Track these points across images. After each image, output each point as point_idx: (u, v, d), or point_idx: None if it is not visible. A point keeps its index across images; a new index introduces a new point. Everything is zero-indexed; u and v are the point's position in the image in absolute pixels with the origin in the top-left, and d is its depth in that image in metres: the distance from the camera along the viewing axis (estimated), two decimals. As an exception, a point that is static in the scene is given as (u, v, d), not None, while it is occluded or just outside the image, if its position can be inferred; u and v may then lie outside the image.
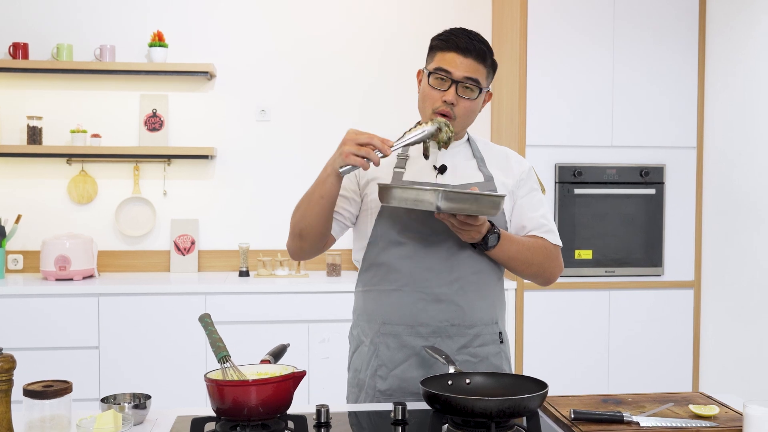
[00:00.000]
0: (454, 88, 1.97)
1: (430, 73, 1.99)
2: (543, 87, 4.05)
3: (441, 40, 2.00)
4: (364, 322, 2.09)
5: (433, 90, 1.99)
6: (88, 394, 3.68)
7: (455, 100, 1.97)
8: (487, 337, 2.07)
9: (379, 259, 2.04)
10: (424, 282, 2.00)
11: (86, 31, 4.32)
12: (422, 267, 2.00)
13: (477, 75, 1.98)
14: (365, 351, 2.07)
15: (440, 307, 2.01)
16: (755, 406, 1.61)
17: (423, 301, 2.01)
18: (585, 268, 4.09)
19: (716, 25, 4.07)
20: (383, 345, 2.03)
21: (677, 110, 4.14)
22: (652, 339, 4.14)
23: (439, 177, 2.04)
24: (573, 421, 1.74)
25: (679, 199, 4.16)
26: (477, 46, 1.98)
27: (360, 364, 2.08)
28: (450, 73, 1.96)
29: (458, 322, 2.02)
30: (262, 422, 1.61)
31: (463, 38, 1.98)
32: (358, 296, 2.15)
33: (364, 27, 4.50)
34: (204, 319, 1.78)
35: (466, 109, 2.00)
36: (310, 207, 1.98)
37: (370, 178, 2.05)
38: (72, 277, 3.98)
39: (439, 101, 1.98)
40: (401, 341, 2.02)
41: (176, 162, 4.39)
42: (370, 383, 2.04)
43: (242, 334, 3.74)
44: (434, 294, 2.01)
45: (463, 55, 1.96)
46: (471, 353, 2.04)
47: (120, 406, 1.76)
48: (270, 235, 4.43)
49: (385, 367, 2.03)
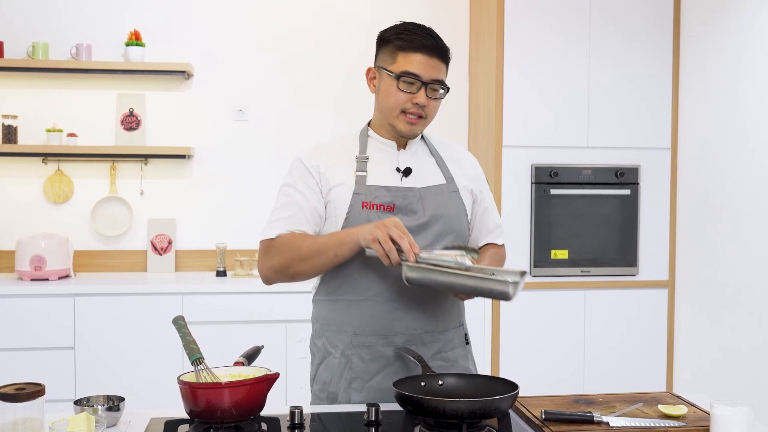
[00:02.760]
0: (424, 90, 1.97)
1: (398, 76, 1.97)
2: (520, 88, 4.07)
3: (403, 40, 1.98)
4: (331, 333, 2.04)
5: (401, 93, 1.98)
6: (63, 395, 3.66)
7: (426, 101, 1.98)
8: (455, 341, 2.08)
9: (346, 267, 1.98)
10: (395, 290, 1.97)
11: (62, 29, 4.29)
12: (394, 275, 1.95)
13: (442, 75, 2.00)
14: (335, 363, 2.02)
15: (414, 315, 1.99)
16: (722, 406, 1.64)
17: (396, 310, 1.98)
18: (561, 267, 4.12)
19: (690, 27, 4.11)
20: (356, 356, 1.99)
21: (652, 111, 4.19)
22: (627, 338, 4.18)
23: (404, 179, 2.03)
24: (544, 421, 1.76)
25: (654, 200, 4.21)
26: (440, 44, 1.99)
27: (329, 377, 2.03)
28: (419, 77, 1.96)
29: (431, 328, 2.02)
30: (235, 424, 1.62)
31: (424, 37, 1.97)
32: (320, 305, 2.09)
33: (339, 26, 4.50)
34: (178, 321, 1.78)
35: (434, 108, 2.03)
36: (318, 259, 1.92)
37: (334, 184, 2.00)
38: (47, 277, 3.96)
39: (408, 102, 1.98)
40: (375, 352, 1.99)
41: (153, 161, 4.38)
42: (344, 396, 2.00)
43: (220, 334, 3.74)
44: (407, 303, 1.98)
45: (428, 56, 1.97)
46: (444, 358, 2.04)
47: (93, 408, 1.76)
48: (247, 234, 4.42)
49: (360, 380, 2.00)
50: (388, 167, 2.04)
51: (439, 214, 2.01)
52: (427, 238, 1.99)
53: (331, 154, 2.06)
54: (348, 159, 2.04)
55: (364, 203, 1.97)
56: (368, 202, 1.97)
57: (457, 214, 2.05)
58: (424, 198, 2.02)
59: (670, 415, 1.81)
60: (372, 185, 2.00)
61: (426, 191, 2.03)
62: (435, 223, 2.00)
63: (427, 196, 2.02)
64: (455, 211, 2.05)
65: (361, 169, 2.02)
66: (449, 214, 2.03)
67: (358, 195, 1.98)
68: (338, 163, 2.03)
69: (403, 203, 1.99)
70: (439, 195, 2.04)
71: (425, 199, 2.01)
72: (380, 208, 1.97)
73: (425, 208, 2.01)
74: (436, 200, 2.03)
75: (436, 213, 2.01)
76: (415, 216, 1.99)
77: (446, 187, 2.06)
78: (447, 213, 2.03)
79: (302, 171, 2.04)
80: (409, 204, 2.00)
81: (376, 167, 2.03)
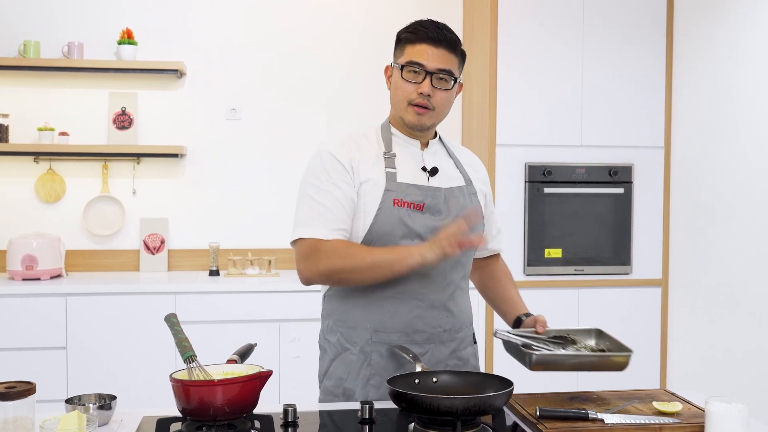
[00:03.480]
0: (429, 80, 1.95)
1: (402, 67, 1.97)
2: (513, 87, 4.07)
3: (410, 33, 1.99)
4: (347, 329, 2.02)
5: (407, 83, 1.97)
6: (55, 395, 3.64)
7: (431, 91, 1.96)
8: (467, 340, 2.11)
9: None
10: (420, 289, 1.98)
11: (54, 27, 4.28)
12: (419, 273, 1.95)
13: (450, 65, 1.97)
14: (352, 359, 2.01)
15: (434, 314, 2.00)
16: (717, 402, 1.63)
17: (419, 308, 1.98)
18: (554, 266, 4.12)
19: (683, 26, 4.12)
20: (375, 353, 1.99)
21: (645, 110, 4.19)
22: (620, 336, 4.17)
23: (430, 179, 2.03)
24: (539, 418, 1.75)
25: (647, 199, 4.21)
26: (447, 36, 1.97)
27: (345, 373, 2.02)
28: (423, 66, 1.95)
29: (450, 327, 2.03)
30: (228, 422, 1.61)
31: (432, 29, 1.97)
32: (334, 301, 2.07)
33: (333, 25, 4.50)
34: (170, 318, 1.77)
35: (442, 100, 1.99)
36: (373, 272, 1.91)
37: (364, 180, 1.97)
38: (39, 277, 3.94)
39: (414, 93, 1.96)
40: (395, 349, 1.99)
41: (146, 160, 4.36)
42: (362, 393, 1.99)
43: (213, 333, 3.72)
44: (430, 301, 1.99)
45: (434, 46, 1.95)
46: (458, 357, 2.06)
47: (85, 407, 1.75)
48: (240, 234, 4.41)
49: (379, 376, 1.98)
50: (414, 166, 2.04)
51: (461, 215, 2.01)
52: None
53: (358, 149, 2.02)
54: (375, 154, 2.02)
55: (395, 200, 1.96)
56: (399, 199, 1.96)
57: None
58: (449, 199, 2.03)
59: (664, 412, 1.80)
60: (402, 183, 1.98)
61: (450, 192, 2.04)
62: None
63: (451, 197, 2.03)
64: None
65: (390, 166, 1.99)
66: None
67: (390, 192, 1.96)
68: (367, 158, 2.01)
69: (431, 203, 1.99)
70: (461, 196, 2.06)
71: (449, 200, 2.03)
72: (410, 206, 1.96)
73: (450, 208, 2.02)
74: (459, 201, 2.04)
75: (458, 214, 2.01)
76: (441, 216, 2.00)
77: (466, 189, 2.08)
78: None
79: (336, 165, 1.98)
80: (437, 204, 2.00)
81: (403, 165, 2.02)
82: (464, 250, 1.85)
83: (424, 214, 1.98)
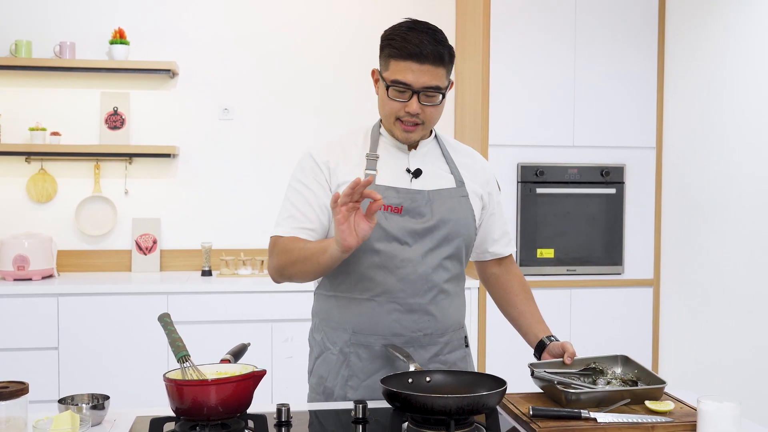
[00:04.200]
0: (416, 98, 1.90)
1: (388, 85, 1.91)
2: (506, 87, 4.08)
3: (394, 48, 1.90)
4: (329, 329, 2.03)
5: (393, 101, 1.92)
6: (47, 395, 3.62)
7: (420, 109, 1.91)
8: (455, 343, 2.07)
9: (349, 266, 1.96)
10: (398, 292, 1.95)
11: (46, 27, 4.26)
12: (397, 277, 1.94)
13: (436, 81, 1.90)
14: (332, 359, 2.01)
15: (414, 317, 1.97)
16: (709, 401, 1.64)
17: (397, 312, 1.96)
18: (547, 266, 4.13)
19: (675, 26, 4.13)
20: (354, 355, 1.99)
21: (637, 111, 4.20)
22: (613, 336, 4.19)
23: (413, 181, 2.00)
24: (532, 417, 1.76)
25: (639, 199, 4.22)
26: (432, 50, 1.87)
27: (326, 372, 2.03)
28: (409, 85, 1.89)
29: (431, 331, 2.00)
30: (221, 422, 1.61)
31: (414, 44, 1.87)
32: (321, 299, 2.08)
33: (325, 25, 4.50)
34: (163, 318, 1.77)
35: (432, 114, 1.95)
36: (305, 265, 1.89)
37: (342, 182, 1.96)
38: (31, 277, 3.93)
39: (402, 111, 1.92)
40: (373, 351, 1.98)
41: (138, 160, 4.35)
42: (340, 393, 1.99)
43: (205, 334, 3.72)
44: (409, 304, 1.96)
45: (419, 63, 1.87)
46: (441, 361, 2.03)
47: (78, 407, 1.74)
48: (233, 234, 4.41)
49: (357, 378, 1.99)
50: (397, 167, 2.01)
51: (447, 218, 1.99)
52: (433, 241, 1.97)
53: (341, 150, 2.02)
54: (358, 156, 2.00)
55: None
56: None
57: (465, 219, 2.02)
58: (433, 201, 1.99)
59: (657, 411, 1.81)
60: (381, 185, 1.96)
61: (435, 194, 1.99)
62: (442, 227, 1.98)
63: (435, 200, 1.99)
64: (463, 215, 2.02)
65: (371, 168, 1.97)
66: (457, 219, 2.00)
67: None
68: (348, 160, 2.00)
69: (411, 205, 1.96)
70: (448, 199, 2.01)
71: (434, 202, 1.99)
72: (387, 209, 1.94)
73: (433, 211, 1.98)
74: (445, 204, 2.00)
75: (444, 217, 1.98)
76: (423, 219, 1.97)
77: (456, 191, 2.03)
78: (455, 217, 2.00)
79: (313, 167, 2.00)
80: (418, 206, 1.97)
81: (385, 167, 1.99)
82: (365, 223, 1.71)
83: (403, 216, 1.95)
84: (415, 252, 1.95)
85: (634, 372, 2.02)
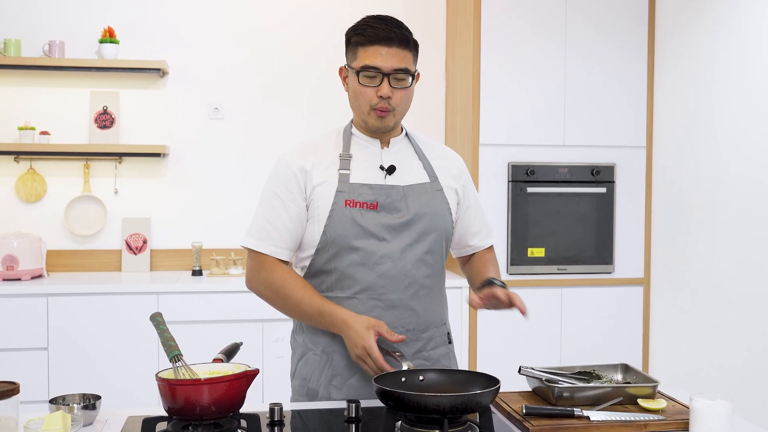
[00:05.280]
0: (387, 81, 1.94)
1: (358, 72, 1.96)
2: (496, 86, 4.08)
3: (359, 35, 1.96)
4: (311, 329, 2.04)
5: (365, 88, 1.96)
6: (36, 396, 3.61)
7: (391, 92, 1.95)
8: (437, 340, 2.07)
9: (329, 265, 1.99)
10: (379, 289, 1.96)
11: (35, 26, 4.24)
12: (376, 273, 1.96)
13: (405, 63, 1.95)
14: (315, 359, 2.02)
15: (395, 313, 1.98)
16: (701, 399, 1.64)
17: (378, 309, 1.97)
18: (537, 266, 4.13)
19: (665, 25, 4.15)
20: (337, 354, 1.99)
21: (627, 110, 4.21)
22: (603, 335, 4.21)
23: (387, 177, 2.02)
24: (525, 416, 1.76)
25: (629, 198, 4.24)
26: (397, 33, 1.94)
27: (309, 373, 2.03)
28: (379, 68, 1.93)
29: (413, 327, 2.01)
30: (214, 421, 1.60)
31: (381, 28, 1.94)
32: None
33: (315, 23, 4.48)
34: (155, 318, 1.76)
35: (402, 98, 1.98)
36: (300, 317, 2.03)
37: (317, 183, 1.99)
38: (20, 277, 3.90)
39: (374, 98, 1.96)
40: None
41: (128, 160, 4.34)
42: (325, 393, 2.00)
43: (196, 333, 3.71)
44: (390, 300, 1.97)
45: (387, 46, 1.93)
46: (425, 357, 2.03)
47: (69, 407, 1.73)
48: (223, 233, 4.39)
49: (340, 377, 1.99)
50: (371, 165, 2.03)
51: (422, 212, 2.00)
52: (411, 236, 1.99)
53: (315, 153, 2.04)
54: (332, 157, 2.03)
55: (347, 201, 1.96)
56: (351, 200, 1.96)
57: (441, 213, 2.04)
58: (408, 196, 2.00)
59: (649, 409, 1.81)
60: (355, 183, 1.98)
61: (410, 189, 2.01)
62: (418, 222, 1.99)
63: (410, 194, 2.01)
64: (439, 209, 2.04)
65: (345, 167, 2.00)
66: (433, 213, 2.02)
67: (341, 193, 1.97)
68: (323, 161, 2.02)
69: (386, 201, 1.98)
70: (423, 193, 2.03)
71: (409, 197, 2.00)
72: (363, 206, 1.96)
73: (409, 206, 1.99)
74: (420, 198, 2.01)
75: (419, 211, 2.00)
76: (399, 214, 1.98)
77: (430, 186, 2.05)
78: (431, 211, 2.02)
79: (287, 175, 2.02)
80: (393, 202, 1.98)
81: (359, 165, 2.02)
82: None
83: (378, 212, 1.97)
84: (394, 248, 1.97)
85: (632, 378, 2.01)
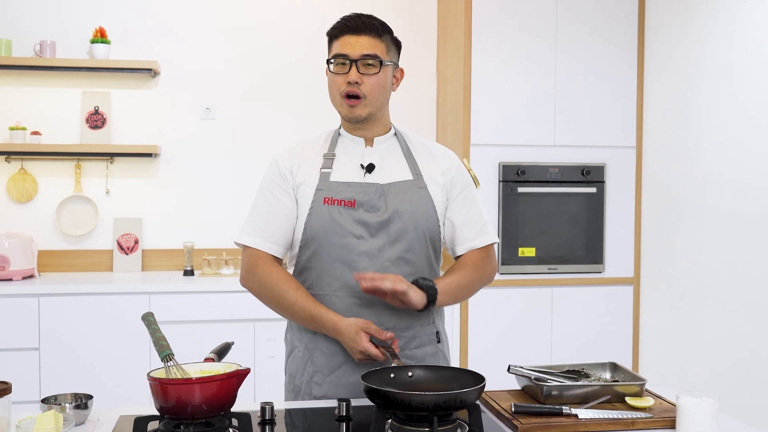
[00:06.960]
0: (355, 67, 1.99)
1: (330, 62, 2.02)
2: (487, 87, 4.10)
3: (334, 29, 2.05)
4: (296, 327, 2.08)
5: (336, 75, 2.02)
6: (28, 396, 3.61)
7: (359, 78, 1.98)
8: (423, 338, 2.07)
9: (310, 263, 2.02)
10: (357, 286, 1.95)
11: (26, 26, 4.23)
12: (354, 271, 1.97)
13: (374, 50, 1.99)
14: (299, 356, 2.06)
15: (374, 311, 1.99)
16: (688, 397, 1.66)
17: (357, 306, 1.99)
18: (528, 265, 4.15)
19: (655, 25, 4.17)
20: (318, 351, 2.02)
21: (617, 110, 4.24)
22: (594, 334, 4.23)
23: (367, 176, 2.03)
24: (514, 414, 1.78)
25: (619, 198, 4.26)
26: (369, 23, 2.01)
27: (295, 370, 2.07)
28: (347, 55, 1.99)
29: (392, 325, 2.01)
30: (205, 420, 1.61)
31: (352, 20, 2.02)
32: None
33: (306, 24, 4.49)
34: (147, 317, 1.77)
35: (374, 85, 2.00)
36: (294, 319, 2.05)
37: (300, 182, 2.04)
38: (11, 278, 3.90)
39: (344, 84, 2.00)
40: (335, 346, 2.00)
41: (119, 160, 4.34)
42: (306, 389, 2.03)
43: (188, 333, 3.71)
44: (367, 298, 1.97)
45: (356, 35, 2.00)
46: (408, 356, 2.04)
47: (61, 406, 1.74)
48: (215, 233, 4.40)
49: (321, 374, 2.02)
50: (353, 164, 2.06)
51: (402, 210, 2.00)
52: (390, 234, 1.99)
53: (303, 153, 2.09)
54: (317, 156, 2.07)
55: (325, 199, 1.99)
56: (330, 197, 1.99)
57: (424, 210, 2.03)
58: (387, 194, 2.01)
59: (637, 407, 1.83)
60: (334, 181, 2.02)
61: (389, 187, 2.03)
62: (398, 219, 2.00)
63: (390, 192, 2.02)
64: (422, 207, 2.03)
65: (327, 166, 2.04)
66: (414, 210, 2.01)
67: (320, 191, 2.00)
68: (308, 161, 2.07)
69: (364, 198, 2.00)
70: (404, 191, 2.03)
71: (388, 195, 2.01)
72: (341, 204, 1.99)
73: (388, 203, 2.00)
74: (400, 196, 2.02)
75: (399, 209, 2.00)
76: (378, 212, 2.00)
77: (413, 183, 2.05)
78: (412, 209, 2.01)
79: (278, 174, 2.08)
80: (371, 200, 2.00)
81: (341, 164, 2.05)
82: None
83: (357, 210, 1.99)
84: (372, 246, 1.99)
85: (620, 376, 2.03)
